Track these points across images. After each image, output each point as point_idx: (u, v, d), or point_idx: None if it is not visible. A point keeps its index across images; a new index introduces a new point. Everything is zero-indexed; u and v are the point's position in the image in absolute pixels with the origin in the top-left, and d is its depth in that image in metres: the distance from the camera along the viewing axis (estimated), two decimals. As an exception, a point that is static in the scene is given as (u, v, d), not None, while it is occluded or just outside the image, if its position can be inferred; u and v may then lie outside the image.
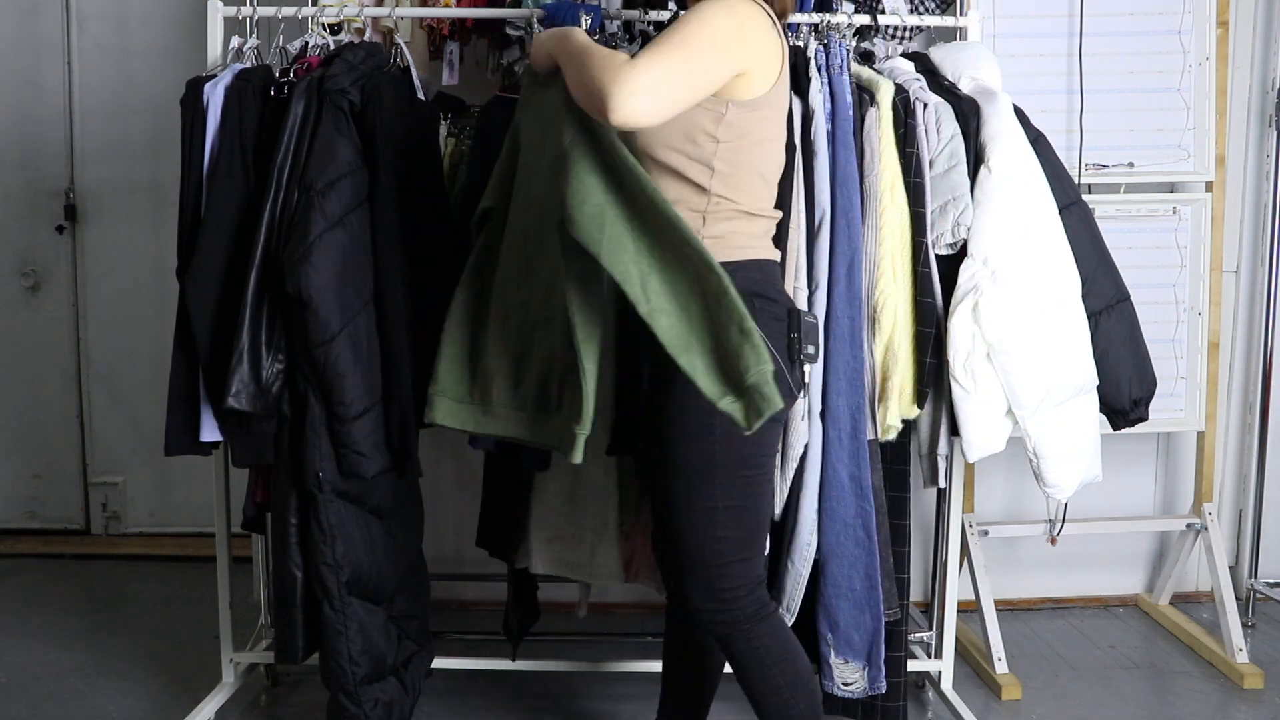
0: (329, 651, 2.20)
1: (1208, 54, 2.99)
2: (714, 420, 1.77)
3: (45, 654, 2.94)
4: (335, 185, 2.08)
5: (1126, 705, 2.74)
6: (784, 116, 1.91)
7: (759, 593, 1.92)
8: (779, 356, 1.82)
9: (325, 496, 2.15)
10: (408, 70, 2.38)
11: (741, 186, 1.83)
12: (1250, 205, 3.28)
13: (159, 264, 3.53)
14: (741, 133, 1.80)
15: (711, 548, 1.86)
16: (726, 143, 1.80)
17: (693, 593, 1.89)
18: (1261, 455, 3.24)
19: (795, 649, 1.95)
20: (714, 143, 1.79)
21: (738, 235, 1.85)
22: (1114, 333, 2.42)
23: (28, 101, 3.62)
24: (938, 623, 2.65)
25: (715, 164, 1.80)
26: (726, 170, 1.81)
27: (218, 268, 2.17)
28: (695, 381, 1.70)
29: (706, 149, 1.80)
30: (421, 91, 2.46)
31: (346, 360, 2.08)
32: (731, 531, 1.86)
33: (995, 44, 2.90)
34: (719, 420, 1.75)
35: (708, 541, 1.85)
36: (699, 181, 1.81)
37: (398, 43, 2.41)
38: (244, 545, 2.86)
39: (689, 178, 1.82)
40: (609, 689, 2.75)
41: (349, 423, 2.10)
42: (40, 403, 3.72)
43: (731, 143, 1.80)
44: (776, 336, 1.84)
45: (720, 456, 1.82)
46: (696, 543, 1.86)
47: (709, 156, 1.80)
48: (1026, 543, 3.25)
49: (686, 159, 1.81)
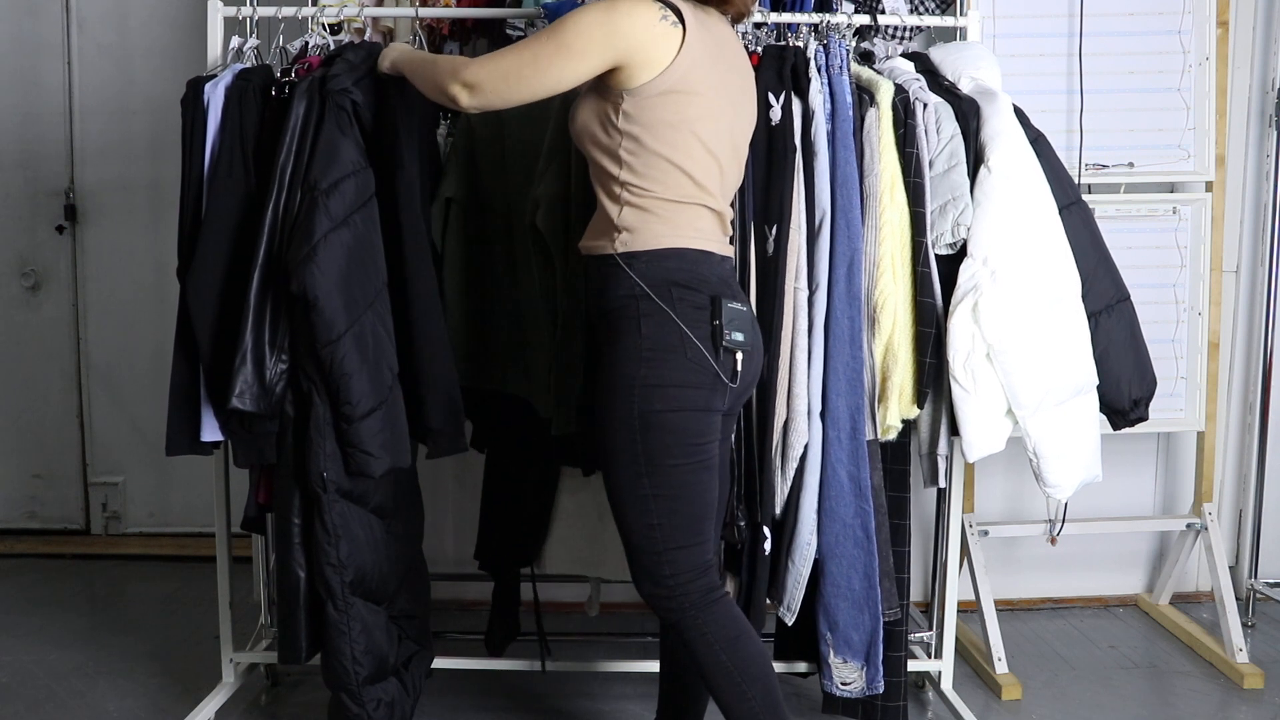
0: (332, 651, 2.20)
1: (1208, 54, 3.00)
2: (633, 411, 1.85)
3: (45, 654, 2.94)
4: (339, 185, 2.08)
5: (1126, 705, 2.74)
6: (701, 100, 1.88)
7: (705, 579, 1.93)
8: (700, 345, 1.87)
9: (329, 497, 2.14)
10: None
11: (651, 174, 1.88)
12: (1250, 205, 3.28)
13: (159, 264, 3.53)
14: (643, 122, 1.86)
15: (647, 534, 1.90)
16: (629, 131, 1.86)
17: (639, 578, 1.95)
18: (1261, 455, 3.24)
19: (745, 632, 1.96)
20: (617, 132, 1.87)
21: (653, 223, 1.90)
22: (1114, 333, 2.42)
23: (28, 101, 3.62)
24: (938, 623, 2.65)
25: (621, 153, 1.88)
26: (630, 159, 1.88)
27: (218, 268, 2.17)
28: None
29: (614, 138, 1.88)
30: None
31: (353, 360, 2.08)
32: (664, 519, 1.89)
33: (995, 44, 2.90)
34: (638, 411, 1.84)
35: (643, 529, 1.90)
36: (610, 170, 1.90)
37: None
38: (244, 545, 2.86)
39: (603, 166, 1.91)
40: (609, 689, 2.75)
41: (356, 422, 2.10)
42: (40, 403, 3.72)
43: (634, 131, 1.86)
44: (698, 324, 1.88)
45: (644, 446, 1.87)
46: (634, 530, 1.91)
47: (615, 145, 1.88)
48: (1026, 543, 3.25)
49: (599, 149, 1.91)
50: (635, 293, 1.89)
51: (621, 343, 1.89)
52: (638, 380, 1.86)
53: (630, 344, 1.88)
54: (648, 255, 1.89)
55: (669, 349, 1.87)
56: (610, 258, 1.91)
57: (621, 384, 1.87)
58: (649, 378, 1.86)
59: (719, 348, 1.89)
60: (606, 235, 1.92)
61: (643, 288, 1.88)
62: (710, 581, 1.95)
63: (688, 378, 1.88)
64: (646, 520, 1.89)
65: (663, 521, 1.89)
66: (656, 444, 1.87)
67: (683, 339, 1.87)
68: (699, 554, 1.93)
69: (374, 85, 2.16)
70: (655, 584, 1.92)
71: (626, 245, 1.90)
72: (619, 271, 1.90)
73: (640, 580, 1.94)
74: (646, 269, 1.89)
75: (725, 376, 1.90)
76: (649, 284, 1.88)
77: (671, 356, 1.87)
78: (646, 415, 1.86)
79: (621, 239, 1.90)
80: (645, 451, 1.87)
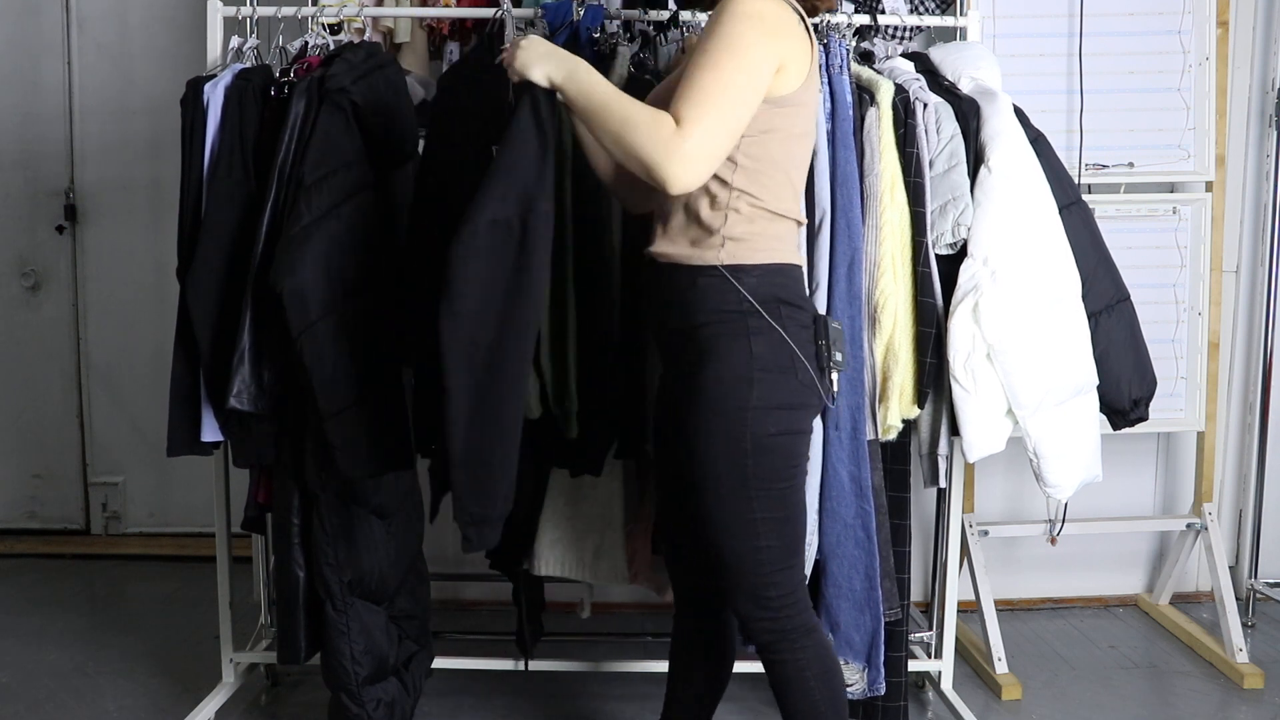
0: (331, 651, 2.20)
1: (1208, 54, 2.99)
2: (745, 435, 1.75)
3: (45, 654, 2.94)
4: (326, 179, 2.05)
5: (1126, 705, 2.74)
6: (814, 115, 1.87)
7: (805, 599, 1.89)
8: (808, 365, 1.80)
9: (328, 497, 2.14)
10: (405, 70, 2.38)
11: (766, 183, 1.78)
12: (1250, 205, 3.28)
13: (159, 264, 3.53)
14: (768, 128, 1.75)
15: (754, 558, 1.82)
16: (751, 137, 1.74)
17: (740, 602, 1.87)
18: (1261, 455, 3.24)
19: (836, 668, 1.92)
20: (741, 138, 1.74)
21: (760, 237, 1.79)
22: (1114, 333, 2.42)
23: (28, 101, 3.62)
24: (938, 623, 2.65)
25: (739, 158, 1.75)
26: (750, 165, 1.76)
27: (218, 268, 2.17)
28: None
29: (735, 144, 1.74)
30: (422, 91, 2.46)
31: (325, 354, 2.01)
32: (773, 542, 1.81)
33: (995, 44, 2.90)
34: (750, 435, 1.74)
35: (749, 553, 1.81)
36: (722, 175, 1.75)
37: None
38: (244, 545, 2.85)
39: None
40: (610, 689, 2.75)
41: (328, 419, 2.03)
42: (40, 403, 3.72)
43: (756, 137, 1.75)
44: (804, 344, 1.80)
45: (755, 469, 1.77)
46: (739, 555, 1.82)
47: (734, 152, 1.74)
48: (1026, 543, 3.25)
49: None
50: (743, 308, 1.77)
51: (726, 362, 1.77)
52: (750, 403, 1.75)
53: (738, 363, 1.76)
54: (758, 270, 1.77)
55: (781, 369, 1.78)
56: (711, 269, 1.78)
57: (729, 406, 1.76)
58: (760, 400, 1.76)
59: (824, 368, 1.83)
60: (704, 244, 1.79)
61: (751, 303, 1.76)
62: (808, 602, 1.91)
63: (798, 399, 1.80)
64: (754, 544, 1.81)
65: (771, 544, 1.81)
66: (767, 467, 1.78)
67: (793, 359, 1.78)
68: (799, 573, 1.89)
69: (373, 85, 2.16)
70: (759, 606, 1.85)
71: (734, 257, 1.77)
72: (722, 284, 1.77)
73: (741, 604, 1.87)
74: (756, 284, 1.77)
75: (827, 398, 1.85)
76: (758, 300, 1.77)
77: (783, 378, 1.78)
78: (760, 440, 1.75)
79: (728, 250, 1.77)
80: (755, 475, 1.77)
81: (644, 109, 1.67)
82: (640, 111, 1.66)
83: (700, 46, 1.70)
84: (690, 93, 1.66)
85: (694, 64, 1.68)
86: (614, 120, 1.67)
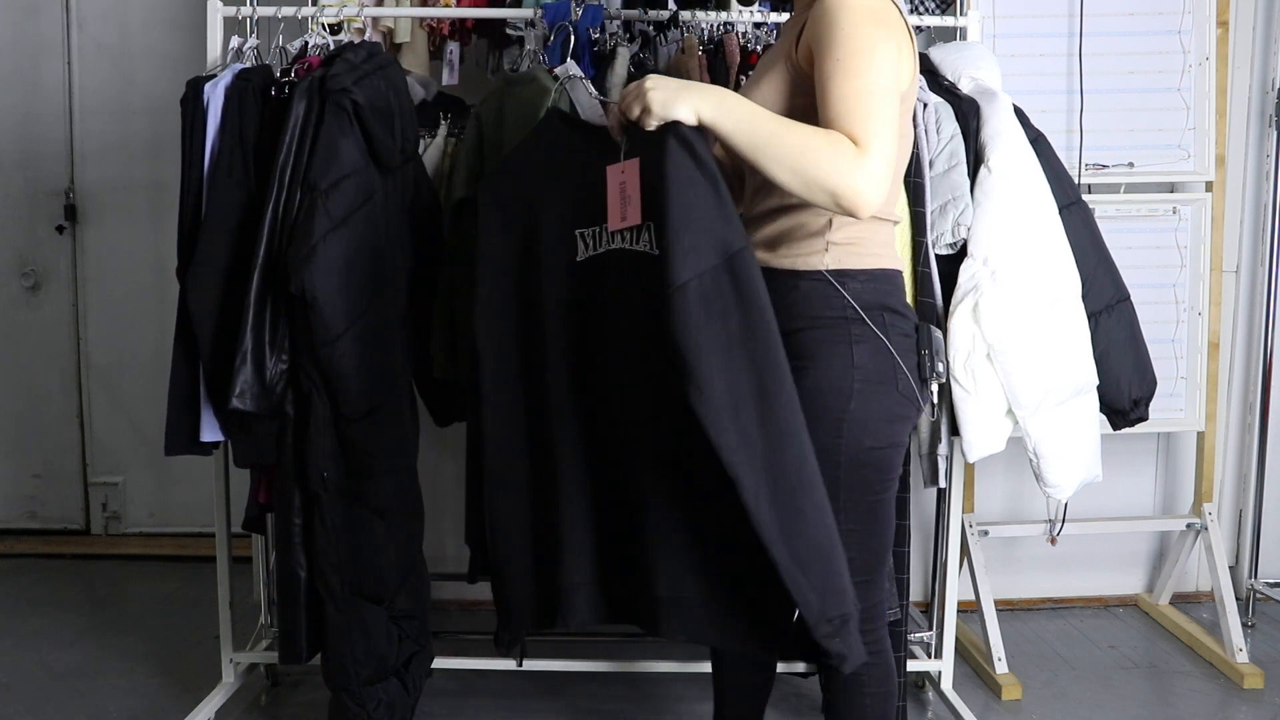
0: (332, 652, 2.20)
1: (1208, 54, 2.99)
2: (840, 447, 1.68)
3: (45, 654, 2.94)
4: (339, 185, 2.08)
5: (1126, 705, 2.74)
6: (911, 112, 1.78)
7: (881, 617, 1.82)
8: (910, 375, 1.74)
9: (329, 497, 2.15)
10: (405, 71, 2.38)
11: None
12: (1250, 205, 3.28)
13: (159, 264, 3.53)
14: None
15: None
16: None
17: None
18: (1261, 455, 3.24)
19: (894, 692, 1.85)
20: None
21: (868, 241, 1.73)
22: (1114, 333, 2.42)
23: (28, 101, 3.62)
24: (938, 623, 2.65)
25: None
26: None
27: (218, 268, 2.17)
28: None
29: None
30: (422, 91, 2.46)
31: (352, 360, 2.09)
32: (854, 554, 1.68)
33: (995, 44, 2.90)
34: (845, 447, 1.68)
35: None
36: None
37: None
38: (244, 545, 2.85)
39: None
40: (610, 689, 2.75)
41: (356, 422, 2.11)
42: (40, 403, 3.72)
43: None
44: (906, 353, 1.73)
45: (846, 481, 1.70)
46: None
47: None
48: (1026, 543, 3.25)
49: None
50: (846, 314, 1.69)
51: (825, 370, 1.69)
52: (848, 414, 1.68)
53: (837, 372, 1.68)
54: (864, 275, 1.70)
55: (882, 380, 1.70)
56: (815, 274, 1.71)
57: (823, 420, 1.66)
58: (860, 411, 1.68)
59: (925, 379, 1.78)
60: (808, 249, 1.72)
61: (856, 310, 1.69)
62: (884, 620, 1.84)
63: (897, 411, 1.72)
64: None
65: (851, 556, 1.66)
66: (859, 480, 1.70)
67: (895, 369, 1.71)
68: (878, 589, 1.80)
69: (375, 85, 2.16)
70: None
71: (840, 262, 1.70)
72: (826, 289, 1.70)
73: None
74: (861, 289, 1.70)
75: (925, 410, 1.80)
76: (863, 306, 1.70)
77: (883, 389, 1.70)
78: (855, 453, 1.68)
79: (833, 255, 1.70)
80: (846, 487, 1.69)
81: (816, 133, 1.56)
82: (814, 136, 1.55)
83: (828, 54, 1.58)
84: (848, 108, 1.55)
85: (831, 74, 1.57)
86: (789, 150, 1.54)
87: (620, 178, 1.66)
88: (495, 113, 2.32)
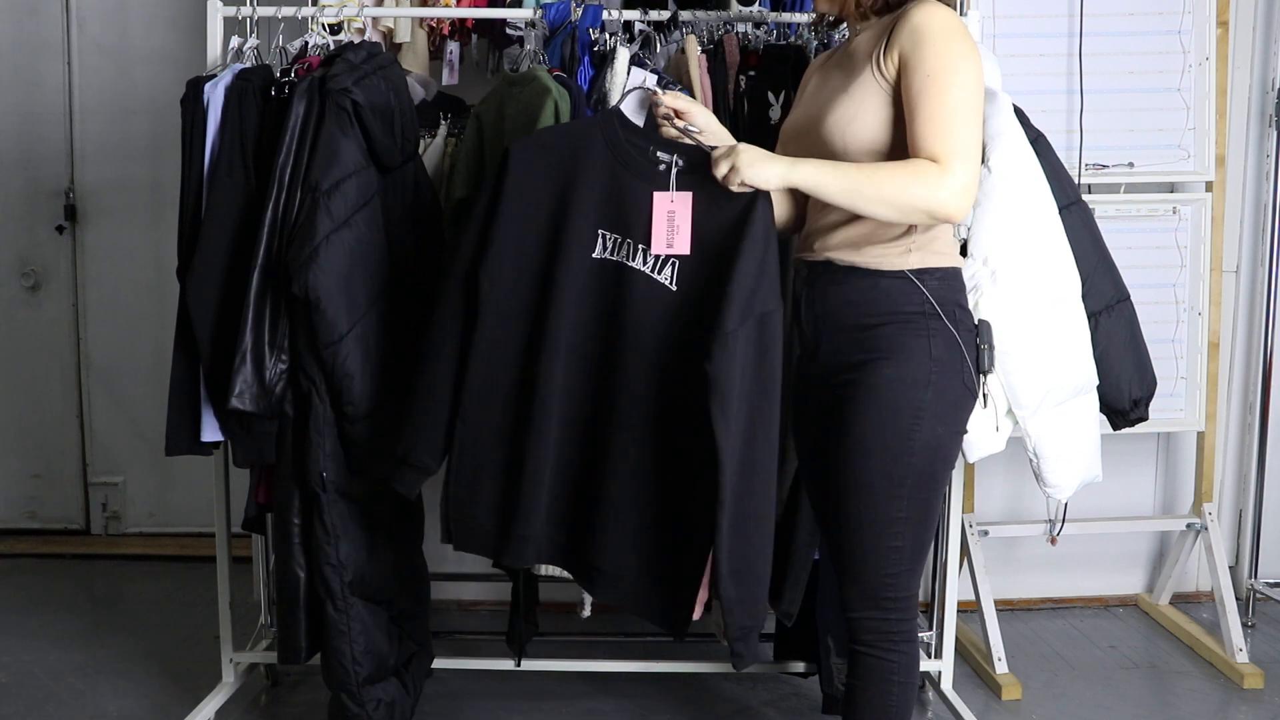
0: (332, 652, 2.20)
1: (1208, 54, 2.99)
2: (916, 435, 1.78)
3: (45, 654, 2.94)
4: (340, 186, 2.08)
5: (1126, 705, 2.74)
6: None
7: (915, 606, 1.89)
8: (970, 367, 1.84)
9: (329, 497, 2.15)
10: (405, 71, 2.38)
11: None
12: (1250, 205, 3.28)
13: (159, 264, 3.53)
14: None
15: (886, 556, 1.82)
16: None
17: (855, 600, 1.86)
18: (1261, 455, 3.24)
19: (916, 683, 1.92)
20: None
21: (940, 242, 1.85)
22: (1114, 333, 2.42)
23: (28, 101, 3.61)
24: (938, 623, 2.65)
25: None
26: None
27: (218, 267, 2.17)
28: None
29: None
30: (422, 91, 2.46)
31: (356, 360, 2.10)
32: (907, 541, 1.82)
33: (995, 44, 2.90)
34: (919, 435, 1.77)
35: (884, 551, 1.81)
36: None
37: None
38: (244, 545, 2.86)
39: None
40: (610, 689, 2.75)
41: (359, 421, 2.11)
42: (40, 403, 3.72)
43: None
44: (970, 346, 1.85)
45: (914, 471, 1.79)
46: (872, 552, 1.82)
47: None
48: (1026, 543, 3.25)
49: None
50: (924, 310, 1.81)
51: (906, 362, 1.79)
52: (925, 406, 1.78)
53: (917, 363, 1.79)
54: (939, 273, 1.83)
55: (954, 372, 1.81)
56: (897, 274, 1.81)
57: (902, 407, 1.78)
58: (935, 403, 1.79)
59: (982, 371, 1.88)
60: (890, 249, 1.82)
61: (934, 306, 1.81)
62: (917, 609, 1.92)
63: (964, 401, 1.84)
64: (891, 543, 1.81)
65: (905, 544, 1.81)
66: (926, 469, 1.80)
67: (963, 363, 1.83)
68: (918, 579, 1.89)
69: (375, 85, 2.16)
70: (874, 605, 1.84)
71: (922, 262, 1.82)
72: (907, 286, 1.81)
73: (855, 602, 1.85)
74: (938, 286, 1.82)
75: (980, 399, 1.88)
76: (939, 302, 1.81)
77: (954, 382, 1.81)
78: (929, 439, 1.78)
79: (915, 255, 1.82)
80: (913, 476, 1.79)
81: (897, 166, 1.74)
82: (897, 170, 1.73)
83: (917, 69, 1.74)
84: (934, 125, 1.72)
85: (921, 90, 1.73)
86: (880, 189, 1.73)
87: (669, 206, 1.83)
88: (495, 113, 2.32)
